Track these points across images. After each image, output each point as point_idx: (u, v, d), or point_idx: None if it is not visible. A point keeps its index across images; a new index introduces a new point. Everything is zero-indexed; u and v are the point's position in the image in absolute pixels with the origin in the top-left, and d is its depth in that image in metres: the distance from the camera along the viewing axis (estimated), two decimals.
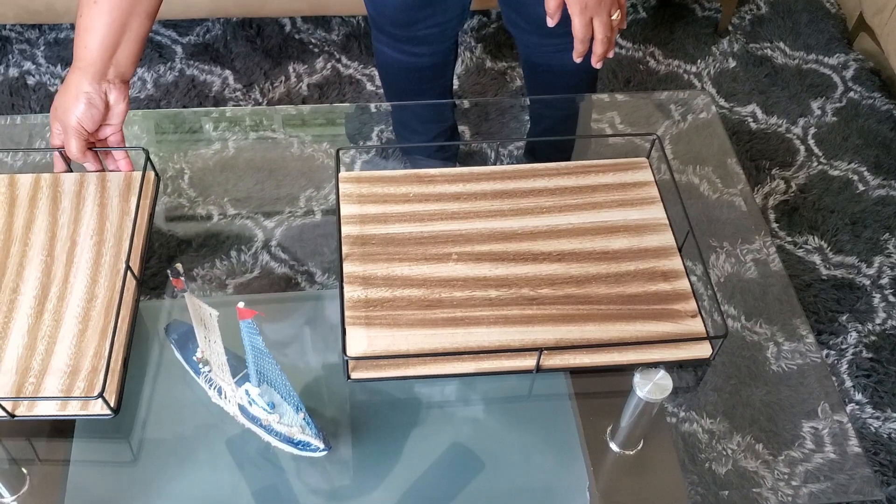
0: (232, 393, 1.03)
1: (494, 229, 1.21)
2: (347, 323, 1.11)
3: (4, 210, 1.19)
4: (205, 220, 1.29)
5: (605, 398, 1.14)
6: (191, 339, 1.10)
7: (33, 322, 1.09)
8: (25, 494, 1.02)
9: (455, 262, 1.18)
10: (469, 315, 1.12)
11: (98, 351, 1.06)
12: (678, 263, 1.18)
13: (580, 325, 1.12)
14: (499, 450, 1.08)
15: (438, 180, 1.27)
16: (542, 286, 1.15)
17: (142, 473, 1.04)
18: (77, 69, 1.15)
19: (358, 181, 1.27)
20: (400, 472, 1.06)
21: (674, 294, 1.15)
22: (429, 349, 1.09)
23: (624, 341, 1.10)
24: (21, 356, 1.06)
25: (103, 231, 1.17)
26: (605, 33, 1.20)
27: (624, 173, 1.29)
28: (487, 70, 2.42)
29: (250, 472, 1.05)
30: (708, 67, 2.44)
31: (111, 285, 1.12)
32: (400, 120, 1.69)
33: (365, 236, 1.20)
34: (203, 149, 1.39)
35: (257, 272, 1.24)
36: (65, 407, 1.03)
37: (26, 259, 1.14)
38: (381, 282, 1.16)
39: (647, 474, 1.07)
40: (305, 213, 1.31)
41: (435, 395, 1.13)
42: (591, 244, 1.20)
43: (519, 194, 1.25)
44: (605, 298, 1.14)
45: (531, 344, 1.10)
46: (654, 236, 1.21)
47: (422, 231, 1.21)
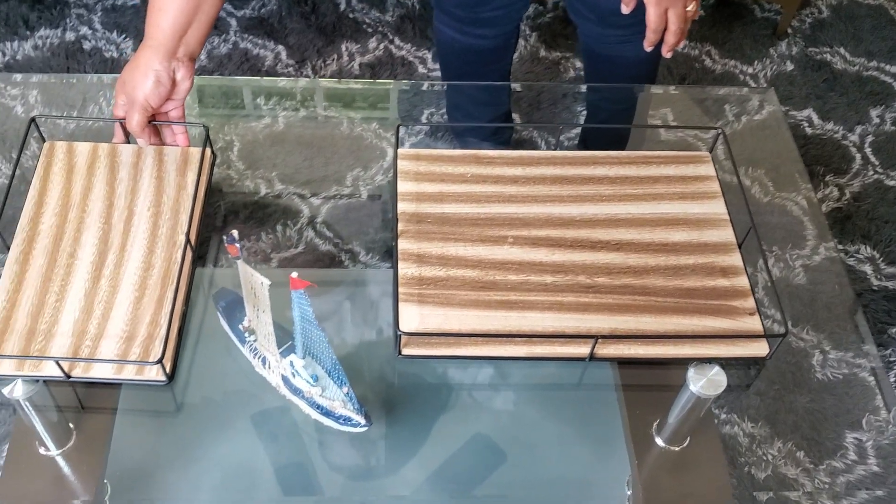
0: (276, 363, 1.02)
1: (552, 214, 1.20)
2: (400, 299, 1.10)
3: (62, 177, 1.20)
4: (252, 193, 1.29)
5: (653, 391, 1.12)
6: (238, 307, 1.10)
7: (90, 287, 1.09)
8: (71, 449, 1.02)
9: (511, 245, 1.16)
10: (523, 299, 1.11)
11: (154, 319, 1.07)
12: (737, 260, 1.16)
13: (636, 315, 1.10)
14: (539, 437, 1.07)
15: (497, 162, 1.26)
16: (598, 274, 1.14)
17: (181, 438, 1.04)
18: (148, 47, 1.16)
19: (416, 159, 1.25)
20: (435, 453, 1.05)
21: (732, 290, 1.13)
22: (482, 330, 1.08)
23: (680, 334, 1.08)
24: (78, 320, 1.07)
25: (160, 203, 1.18)
26: (679, 24, 1.19)
27: (686, 166, 1.26)
28: (541, 59, 2.40)
29: (287, 443, 1.05)
30: (765, 69, 2.41)
31: (167, 256, 1.12)
32: (455, 102, 1.68)
33: (420, 214, 1.19)
34: (253, 122, 1.39)
35: (301, 248, 1.23)
36: (120, 371, 1.03)
37: (83, 225, 1.15)
38: (435, 260, 1.14)
39: (692, 472, 1.05)
40: (352, 193, 1.30)
41: (477, 379, 1.12)
42: (651, 235, 1.18)
43: (578, 181, 1.24)
44: (662, 290, 1.13)
45: (585, 331, 1.08)
46: (714, 231, 1.19)
47: (478, 212, 1.20)
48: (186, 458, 1.02)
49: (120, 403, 1.06)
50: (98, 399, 1.07)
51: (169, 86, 1.18)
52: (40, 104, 1.39)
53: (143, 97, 1.17)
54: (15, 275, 1.10)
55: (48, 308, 1.07)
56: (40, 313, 1.07)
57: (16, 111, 1.38)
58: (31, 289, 1.09)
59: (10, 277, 1.10)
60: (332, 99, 1.32)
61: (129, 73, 1.17)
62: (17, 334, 1.05)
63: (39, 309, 1.07)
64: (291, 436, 1.05)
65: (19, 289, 1.09)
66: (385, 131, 1.39)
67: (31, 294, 1.09)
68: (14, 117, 1.37)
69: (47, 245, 1.13)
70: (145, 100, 1.17)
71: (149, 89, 1.16)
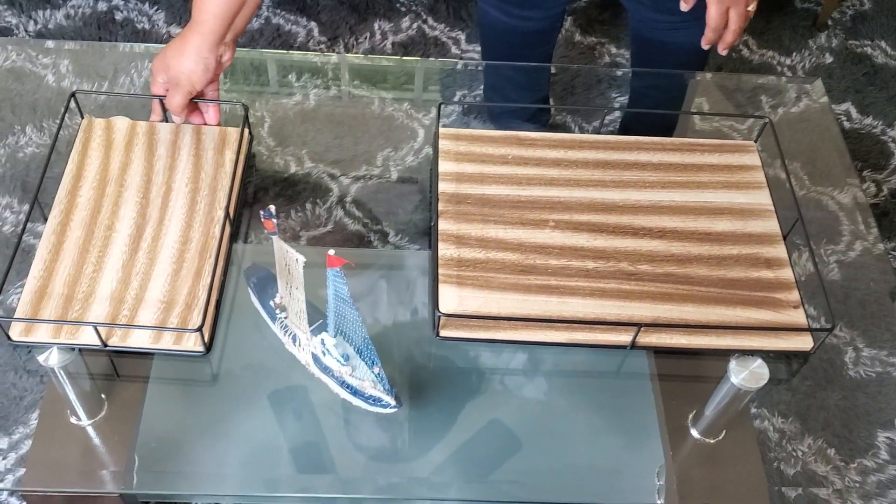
0: (307, 341, 1.01)
1: (594, 199, 1.18)
2: (439, 281, 1.08)
3: (101, 152, 1.21)
4: (282, 170, 1.28)
5: (689, 382, 1.10)
6: (269, 284, 1.09)
7: (127, 259, 1.10)
8: (102, 420, 1.02)
9: (552, 229, 1.15)
10: (564, 284, 1.09)
11: (192, 291, 1.07)
12: (782, 252, 1.14)
13: (678, 304, 1.08)
14: (570, 425, 1.06)
15: (539, 144, 1.24)
16: (641, 262, 1.12)
17: (209, 412, 1.04)
18: (197, 32, 1.14)
19: (457, 138, 1.24)
20: (463, 437, 1.04)
21: (776, 282, 1.11)
22: (522, 315, 1.06)
23: (722, 325, 1.07)
24: (115, 290, 1.07)
25: (198, 180, 1.18)
26: (739, 24, 1.16)
27: (731, 155, 1.24)
28: (576, 44, 2.37)
29: (314, 422, 1.04)
30: (803, 61, 2.37)
31: (205, 231, 1.13)
32: (493, 84, 1.65)
33: (460, 195, 1.17)
34: (284, 98, 1.38)
35: (331, 227, 1.22)
36: (158, 340, 1.03)
37: (121, 199, 1.15)
38: (474, 242, 1.13)
39: (727, 465, 1.03)
40: (381, 173, 1.29)
41: (509, 364, 1.10)
42: (694, 224, 1.16)
43: (622, 166, 1.22)
44: (705, 280, 1.11)
45: (627, 319, 1.06)
46: (759, 222, 1.17)
47: (519, 194, 1.18)
48: (213, 433, 1.02)
49: (151, 374, 1.06)
50: (130, 370, 1.06)
51: (214, 70, 1.18)
52: (72, 74, 1.38)
53: (189, 84, 1.17)
54: (52, 245, 1.10)
55: (85, 278, 1.07)
56: (77, 283, 1.07)
57: (47, 80, 1.37)
58: (68, 259, 1.09)
59: (48, 248, 1.10)
60: (362, 76, 1.30)
61: (176, 58, 1.16)
62: (54, 302, 1.05)
63: (76, 278, 1.07)
64: (319, 414, 1.04)
65: (56, 258, 1.09)
66: (417, 111, 1.37)
67: (69, 264, 1.09)
68: (45, 87, 1.36)
69: (85, 217, 1.13)
70: (191, 85, 1.17)
71: (197, 77, 1.17)
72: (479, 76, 1.65)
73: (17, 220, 1.20)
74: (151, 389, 1.05)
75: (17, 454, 1.00)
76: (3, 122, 1.31)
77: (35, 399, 1.04)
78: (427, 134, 1.33)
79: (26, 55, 1.40)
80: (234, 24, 1.16)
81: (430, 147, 1.31)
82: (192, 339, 1.03)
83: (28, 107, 1.33)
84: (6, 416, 1.03)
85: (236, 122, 1.27)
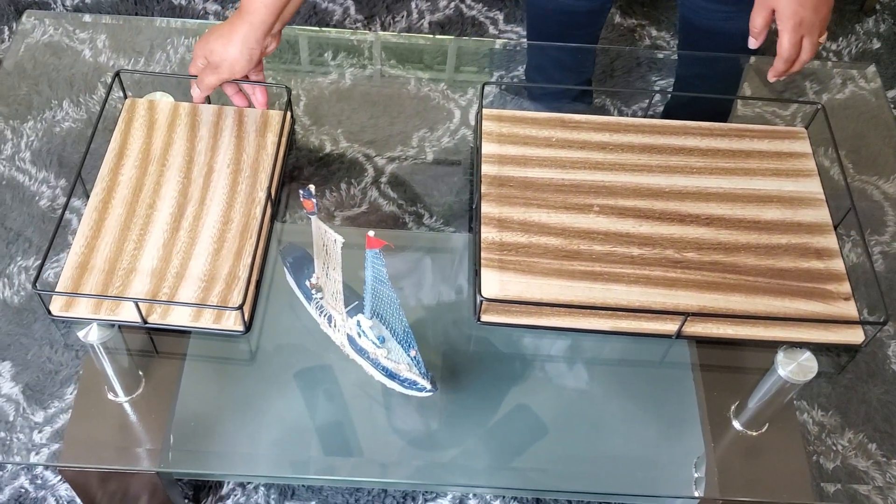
0: (342, 322, 1.00)
1: (640, 184, 1.15)
2: (481, 265, 1.06)
3: (143, 132, 1.21)
4: (317, 149, 1.26)
5: (731, 373, 1.08)
6: (305, 264, 1.08)
7: (168, 237, 1.09)
8: (139, 397, 1.02)
9: (596, 214, 1.12)
10: (608, 271, 1.07)
11: (232, 270, 1.06)
12: (833, 242, 1.11)
13: (726, 294, 1.06)
14: (608, 413, 1.04)
15: (584, 127, 1.21)
16: (687, 249, 1.09)
17: (244, 392, 1.03)
18: (247, 22, 1.12)
19: (500, 120, 1.21)
20: (499, 423, 1.02)
21: (827, 273, 1.08)
22: (566, 301, 1.04)
23: (771, 316, 1.04)
24: (156, 267, 1.06)
25: (240, 161, 1.18)
26: (811, 54, 1.12)
27: (781, 142, 1.21)
28: (616, 26, 2.34)
29: (347, 404, 1.03)
30: (849, 46, 2.32)
31: (247, 211, 1.12)
32: (537, 65, 1.62)
33: (503, 177, 1.15)
34: (320, 77, 1.36)
35: (365, 207, 1.21)
36: (197, 318, 1.03)
37: (163, 179, 1.15)
38: (516, 226, 1.11)
39: (770, 458, 1.01)
40: (417, 153, 1.27)
41: (546, 350, 1.08)
42: (742, 212, 1.13)
43: (668, 151, 1.19)
44: (753, 270, 1.08)
45: (673, 308, 1.04)
46: (809, 211, 1.14)
47: (563, 178, 1.16)
48: (249, 412, 1.01)
49: (188, 352, 1.06)
50: (167, 347, 1.06)
51: (258, 59, 1.17)
52: (108, 49, 1.37)
53: (230, 71, 1.16)
54: (94, 222, 1.10)
55: (126, 255, 1.07)
56: (118, 259, 1.07)
57: (84, 55, 1.36)
58: (109, 236, 1.09)
59: (89, 224, 1.10)
60: (398, 56, 1.28)
61: (221, 44, 1.14)
62: (95, 279, 1.05)
63: (117, 255, 1.07)
64: (353, 396, 1.04)
65: (98, 235, 1.09)
66: (453, 92, 1.35)
67: (110, 241, 1.08)
68: (82, 61, 1.36)
69: (127, 196, 1.13)
70: (232, 73, 1.16)
71: (240, 66, 1.15)
72: (518, 57, 1.62)
73: (54, 194, 1.19)
74: (188, 367, 1.04)
75: (53, 428, 1.00)
76: (40, 96, 1.31)
77: (70, 374, 1.04)
78: (463, 115, 1.31)
79: (63, 29, 1.39)
80: (282, 15, 1.14)
81: (466, 128, 1.29)
82: (233, 318, 1.03)
83: (65, 81, 1.32)
84: (42, 390, 1.03)
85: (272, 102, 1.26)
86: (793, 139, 1.21)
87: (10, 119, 1.28)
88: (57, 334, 1.06)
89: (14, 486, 1.43)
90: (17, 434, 1.00)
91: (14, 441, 0.99)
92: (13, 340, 1.06)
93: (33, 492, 1.42)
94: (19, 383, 1.03)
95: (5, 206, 1.18)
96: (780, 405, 1.00)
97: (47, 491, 1.42)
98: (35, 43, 1.38)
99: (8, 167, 1.22)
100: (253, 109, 1.24)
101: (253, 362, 1.05)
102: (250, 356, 1.06)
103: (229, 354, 1.06)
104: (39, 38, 1.38)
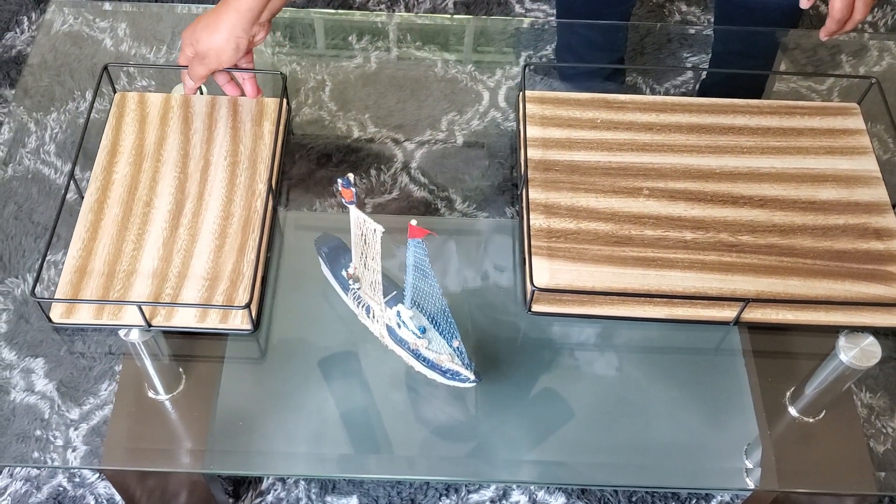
0: (381, 313, 0.98)
1: (690, 166, 1.12)
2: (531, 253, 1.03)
3: (135, 127, 1.18)
4: (345, 136, 1.24)
5: (784, 359, 1.04)
6: (341, 254, 1.06)
7: (168, 236, 1.07)
8: (180, 394, 1.00)
9: (646, 197, 1.09)
10: (661, 256, 1.04)
11: (236, 267, 1.04)
12: (892, 221, 1.08)
13: (783, 278, 1.02)
14: (655, 402, 1.01)
15: (629, 107, 1.18)
16: (742, 232, 1.06)
17: (283, 390, 1.01)
18: (234, 10, 1.09)
19: (542, 102, 1.18)
20: (543, 414, 1.00)
21: (887, 254, 1.05)
22: (618, 289, 1.01)
23: (833, 300, 1.01)
24: (157, 268, 1.04)
25: (237, 153, 1.15)
26: (865, 13, 1.09)
27: (833, 118, 1.17)
28: (645, 2, 2.29)
29: (387, 396, 1.01)
30: (885, 17, 2.27)
31: (247, 205, 1.10)
32: (567, 44, 1.58)
33: (548, 161, 1.12)
34: (345, 61, 1.33)
35: (396, 193, 1.18)
36: (203, 319, 1.00)
37: (159, 175, 1.13)
38: (564, 212, 1.07)
39: (829, 445, 0.98)
40: (447, 137, 1.24)
41: (592, 338, 1.06)
42: (796, 192, 1.10)
43: (717, 130, 1.15)
44: (810, 252, 1.05)
45: (730, 293, 1.01)
46: (866, 189, 1.10)
47: (609, 161, 1.12)
48: (288, 409, 1.00)
49: (227, 350, 1.04)
50: (206, 345, 1.04)
51: (245, 49, 1.13)
52: (129, 38, 1.35)
53: (217, 62, 1.12)
54: (90, 223, 1.08)
55: (125, 256, 1.05)
56: (117, 261, 1.04)
57: (105, 45, 1.34)
58: (106, 237, 1.06)
59: (85, 226, 1.07)
60: (424, 37, 1.25)
61: (207, 33, 1.10)
62: (95, 281, 1.03)
63: (116, 257, 1.05)
64: (392, 388, 1.02)
65: (95, 237, 1.06)
66: (481, 73, 1.32)
67: (108, 242, 1.06)
68: (104, 51, 1.33)
69: (122, 194, 1.10)
70: (219, 63, 1.12)
71: (227, 56, 1.11)
72: (545, 36, 1.58)
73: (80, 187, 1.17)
74: (227, 366, 1.03)
75: (89, 425, 0.99)
76: (62, 87, 1.28)
77: (105, 369, 1.02)
78: (492, 97, 1.29)
79: (84, 19, 1.37)
80: (270, 4, 1.10)
81: (495, 111, 1.27)
82: (240, 317, 1.01)
83: (87, 72, 1.30)
84: (76, 386, 1.01)
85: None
86: (845, 115, 1.18)
87: (34, 111, 1.25)
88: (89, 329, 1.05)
89: (52, 484, 1.42)
90: (52, 432, 0.98)
91: (50, 439, 0.98)
92: (45, 336, 1.04)
93: (72, 490, 1.41)
94: (53, 380, 1.02)
95: (32, 201, 1.16)
96: (839, 392, 0.97)
97: (86, 489, 1.41)
98: (56, 33, 1.35)
99: (33, 160, 1.20)
100: (247, 99, 1.20)
101: (289, 357, 1.03)
102: (285, 351, 1.04)
103: (269, 351, 1.04)
104: (60, 28, 1.36)
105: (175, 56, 1.32)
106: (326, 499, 1.40)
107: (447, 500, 1.41)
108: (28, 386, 1.01)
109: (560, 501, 1.41)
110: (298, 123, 1.25)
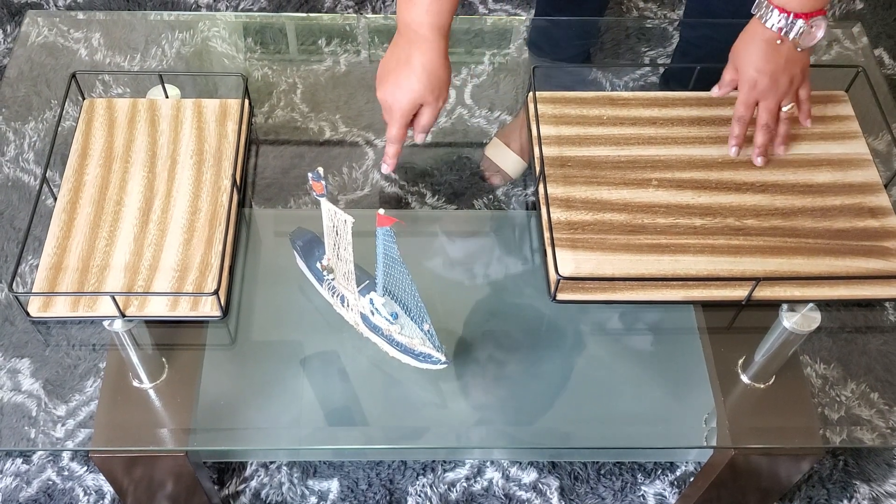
0: (355, 301, 1.03)
1: (694, 156, 1.18)
2: (555, 244, 1.09)
3: (104, 131, 1.22)
4: (317, 136, 1.29)
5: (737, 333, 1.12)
6: (315, 246, 1.10)
7: (139, 231, 1.11)
8: (163, 383, 1.05)
9: (655, 188, 1.15)
10: (674, 242, 1.10)
11: (205, 258, 1.09)
12: (885, 200, 1.15)
13: (788, 257, 1.09)
14: (619, 378, 1.08)
15: (632, 103, 1.24)
16: (747, 217, 1.13)
17: (263, 375, 1.07)
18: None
19: (552, 102, 1.24)
20: (512, 391, 1.07)
21: (882, 231, 1.12)
22: (637, 274, 1.07)
23: (836, 275, 1.08)
24: (129, 262, 1.08)
25: (202, 152, 1.20)
26: (767, 120, 1.14)
27: (823, 106, 1.25)
28: None
29: (363, 381, 1.07)
30: (832, 7, 2.36)
31: (213, 200, 1.15)
32: (545, 32, 1.63)
33: (563, 158, 1.18)
34: (315, 64, 1.38)
35: (368, 189, 1.24)
36: (175, 307, 1.05)
37: (128, 175, 1.17)
38: (580, 204, 1.13)
39: (779, 409, 1.05)
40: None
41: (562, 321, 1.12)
42: (794, 176, 1.17)
43: (717, 122, 1.22)
44: (812, 232, 1.12)
45: (740, 274, 1.07)
46: (859, 171, 1.18)
47: (618, 155, 1.18)
48: (268, 393, 1.05)
49: (207, 338, 1.09)
50: (188, 334, 1.09)
51: None
52: (103, 47, 1.38)
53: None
54: (63, 223, 1.12)
55: (98, 252, 1.09)
56: (91, 257, 1.09)
57: (80, 54, 1.37)
58: (80, 235, 1.11)
59: (59, 225, 1.12)
60: (389, 38, 1.29)
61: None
62: (70, 276, 1.07)
63: (90, 253, 1.09)
64: (368, 373, 1.07)
65: (68, 235, 1.11)
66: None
67: (81, 240, 1.10)
68: (79, 60, 1.36)
69: (93, 194, 1.15)
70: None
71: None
72: (508, 35, 1.63)
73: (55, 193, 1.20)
74: (209, 354, 1.08)
75: (76, 420, 1.03)
76: (39, 97, 1.32)
77: (90, 367, 1.07)
78: (458, 95, 1.35)
79: (58, 30, 1.40)
80: None
81: (461, 108, 1.33)
82: (209, 304, 1.05)
83: (63, 81, 1.32)
84: (62, 384, 1.05)
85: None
86: (834, 103, 1.25)
87: (12, 121, 1.29)
88: (73, 329, 1.08)
89: (41, 478, 1.43)
90: (40, 427, 1.02)
91: (39, 436, 1.01)
92: (30, 338, 1.08)
93: (61, 483, 1.43)
94: (39, 379, 1.06)
95: (13, 207, 1.20)
96: (786, 357, 1.05)
97: (74, 482, 1.43)
98: (31, 45, 1.38)
99: (13, 168, 1.24)
100: (211, 100, 1.25)
101: (270, 347, 1.09)
102: (267, 342, 1.09)
103: (248, 341, 1.09)
104: (35, 40, 1.39)
105: (148, 62, 1.36)
106: (308, 483, 1.43)
107: (424, 479, 1.44)
108: (15, 386, 1.05)
109: (532, 476, 1.45)
110: (272, 125, 1.30)
